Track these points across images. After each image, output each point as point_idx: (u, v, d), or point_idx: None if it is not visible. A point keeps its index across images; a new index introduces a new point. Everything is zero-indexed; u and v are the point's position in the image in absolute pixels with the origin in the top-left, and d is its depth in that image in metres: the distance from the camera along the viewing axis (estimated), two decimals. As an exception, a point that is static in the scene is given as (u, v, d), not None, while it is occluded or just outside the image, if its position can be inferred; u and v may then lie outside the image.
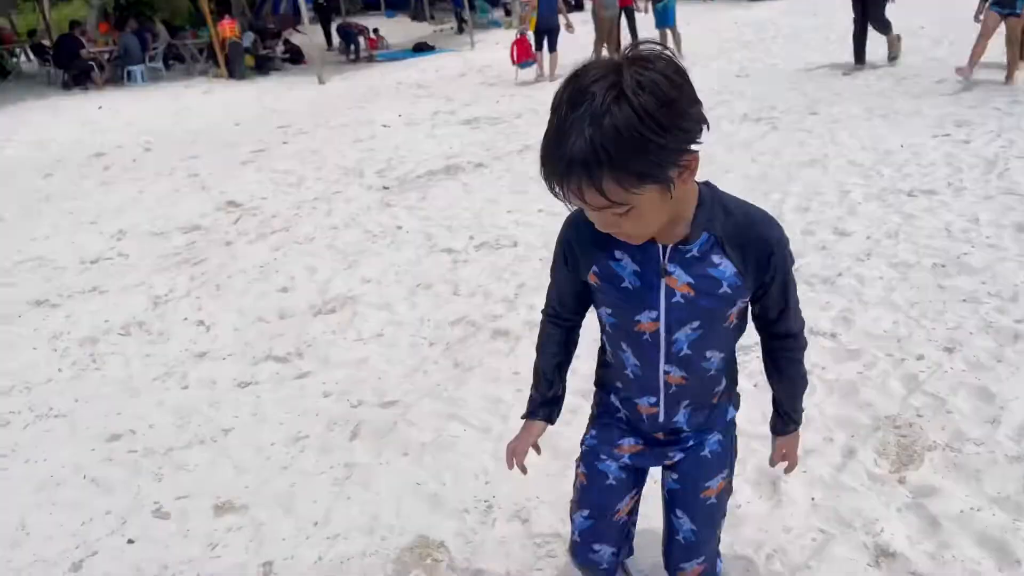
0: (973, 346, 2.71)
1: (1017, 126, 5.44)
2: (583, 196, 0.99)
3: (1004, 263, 3.33)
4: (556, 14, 10.67)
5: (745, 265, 1.17)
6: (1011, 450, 2.16)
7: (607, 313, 1.29)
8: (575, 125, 0.94)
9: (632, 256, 1.20)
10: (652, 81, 0.93)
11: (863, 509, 2.00)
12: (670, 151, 0.97)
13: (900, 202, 4.22)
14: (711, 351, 1.26)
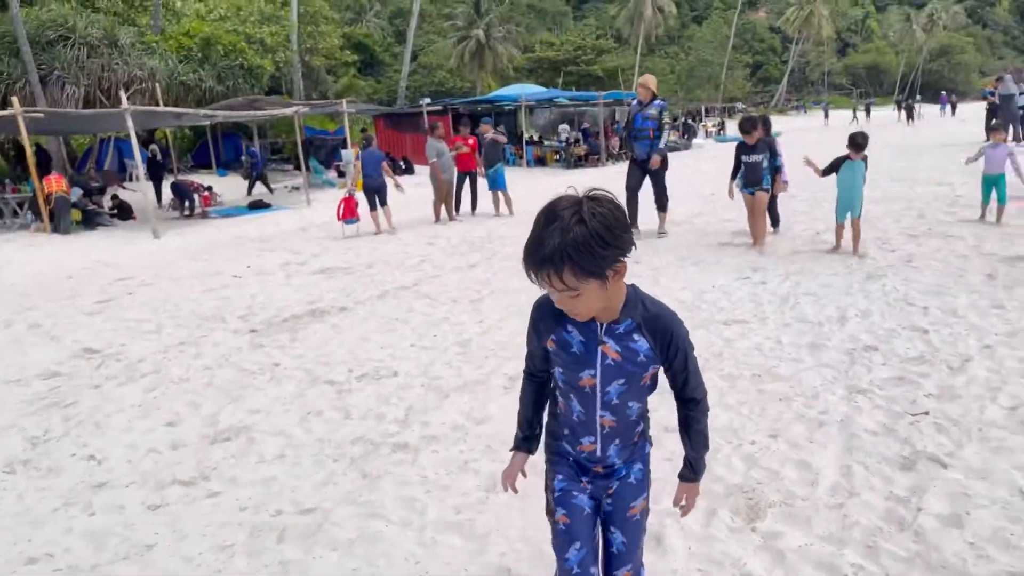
0: (790, 432, 3.39)
1: (800, 271, 6.64)
2: (551, 281, 1.49)
3: (805, 372, 4.14)
4: (382, 175, 11.46)
5: (656, 343, 1.66)
6: (829, 503, 2.77)
7: (560, 372, 1.75)
8: (550, 235, 1.46)
9: (579, 330, 1.67)
10: (602, 213, 1.47)
11: (728, 552, 2.50)
12: (608, 260, 1.49)
13: (719, 330, 5.06)
14: (632, 402, 1.73)
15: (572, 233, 1.45)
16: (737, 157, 7.93)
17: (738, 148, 7.93)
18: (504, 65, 48.63)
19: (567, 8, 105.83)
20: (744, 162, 7.80)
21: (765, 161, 7.69)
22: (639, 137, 8.85)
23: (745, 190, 7.82)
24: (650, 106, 8.74)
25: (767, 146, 7.73)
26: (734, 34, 75.72)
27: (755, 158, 7.71)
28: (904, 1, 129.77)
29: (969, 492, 2.76)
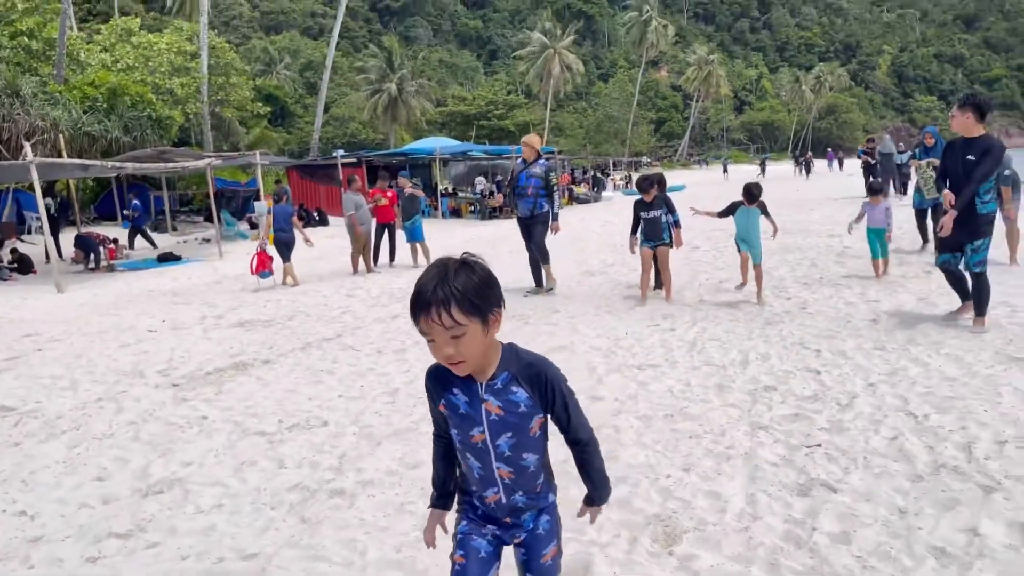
0: (702, 466, 3.70)
1: (705, 318, 7.11)
2: (440, 319, 1.63)
3: (712, 411, 4.49)
4: (292, 228, 11.56)
5: (533, 391, 1.78)
6: (736, 527, 3.07)
7: (455, 433, 1.88)
8: (439, 280, 1.65)
9: (463, 391, 1.80)
10: (481, 266, 1.71)
11: (650, 574, 2.75)
12: (491, 301, 1.69)
13: (634, 374, 5.39)
14: (526, 453, 1.84)
15: (460, 276, 1.66)
16: (636, 214, 8.18)
17: (636, 205, 8.18)
18: (417, 118, 49.32)
19: (478, 64, 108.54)
20: (643, 218, 8.06)
21: (664, 217, 7.99)
22: (522, 195, 8.94)
23: (646, 244, 8.09)
24: (535, 165, 8.88)
25: (664, 202, 8.03)
26: (638, 91, 79.13)
27: (654, 214, 7.99)
28: (794, 63, 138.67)
29: (856, 513, 3.11)
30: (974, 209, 5.78)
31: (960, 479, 3.35)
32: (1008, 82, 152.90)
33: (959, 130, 5.87)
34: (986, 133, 5.83)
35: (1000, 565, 2.67)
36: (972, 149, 5.72)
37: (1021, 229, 9.25)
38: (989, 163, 5.62)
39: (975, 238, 5.80)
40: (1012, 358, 5.11)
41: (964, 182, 5.68)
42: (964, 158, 5.73)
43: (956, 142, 5.97)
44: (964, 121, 5.80)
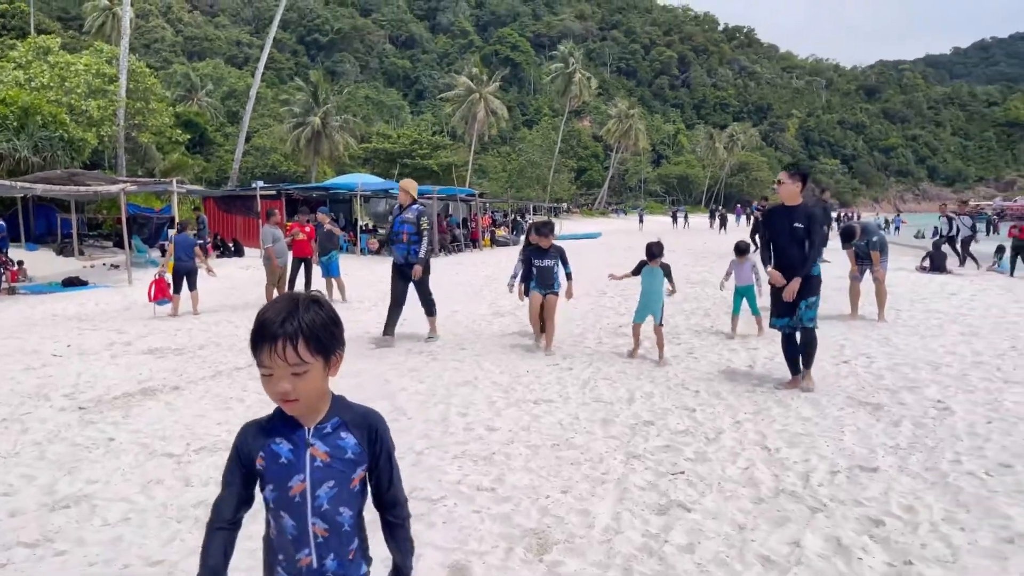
0: (578, 488, 4.13)
1: (602, 359, 7.63)
2: (284, 355, 1.63)
3: (595, 442, 4.95)
4: (194, 258, 11.67)
5: (362, 439, 1.78)
6: (600, 539, 3.50)
7: (270, 489, 1.77)
8: (288, 313, 1.66)
9: (287, 439, 1.76)
10: (329, 304, 1.76)
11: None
12: (337, 340, 1.73)
13: (529, 407, 5.81)
14: (344, 507, 1.77)
15: (310, 312, 1.68)
16: (527, 260, 8.19)
17: (530, 252, 8.17)
18: (340, 153, 49.37)
19: (405, 103, 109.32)
20: (537, 265, 8.07)
21: (557, 266, 8.05)
22: (395, 241, 8.75)
23: (538, 290, 8.10)
24: (408, 210, 8.69)
25: (558, 252, 8.07)
26: (561, 140, 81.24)
27: (547, 263, 8.03)
28: (709, 121, 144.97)
29: (703, 528, 3.59)
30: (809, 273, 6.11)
31: (794, 501, 3.88)
32: (903, 151, 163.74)
33: (787, 197, 6.17)
34: (803, 201, 6.24)
35: (812, 571, 3.17)
36: (796, 216, 6.05)
37: (888, 289, 10.20)
38: (820, 228, 6.13)
39: (809, 295, 6.07)
40: (861, 402, 5.77)
41: (796, 248, 6.03)
42: (791, 225, 6.04)
43: (777, 209, 6.30)
44: (793, 189, 6.12)
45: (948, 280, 14.88)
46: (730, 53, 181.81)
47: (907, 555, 3.26)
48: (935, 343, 8.08)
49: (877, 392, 6.07)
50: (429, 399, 6.13)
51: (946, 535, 3.44)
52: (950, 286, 13.58)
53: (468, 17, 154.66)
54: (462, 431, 5.23)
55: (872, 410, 5.55)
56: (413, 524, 3.58)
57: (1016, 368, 6.78)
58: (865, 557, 3.25)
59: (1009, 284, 14.64)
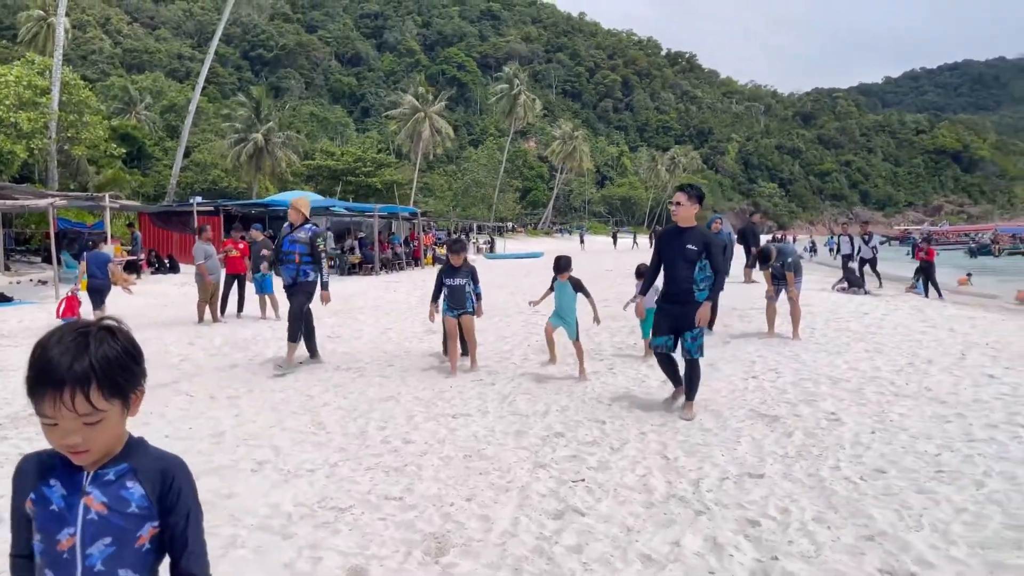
0: (483, 496, 4.32)
1: (524, 375, 7.86)
2: (73, 404, 1.35)
3: (505, 452, 5.15)
4: (107, 276, 11.53)
5: (152, 491, 1.50)
6: (496, 542, 3.69)
7: (38, 541, 1.49)
8: (77, 353, 1.37)
9: (62, 482, 1.49)
10: (125, 333, 1.47)
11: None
12: (135, 377, 1.46)
13: (447, 421, 6.00)
14: (125, 570, 1.48)
15: (104, 346, 1.40)
16: (439, 279, 8.02)
17: (441, 271, 8.08)
18: (283, 170, 48.95)
19: (350, 120, 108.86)
20: (447, 285, 7.91)
21: (468, 286, 7.93)
22: (284, 261, 8.37)
23: (450, 312, 7.95)
24: (300, 230, 8.36)
25: (469, 272, 7.99)
26: (506, 159, 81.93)
27: (458, 282, 7.88)
28: (652, 144, 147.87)
29: (593, 531, 3.82)
30: (692, 298, 5.96)
31: (682, 505, 4.15)
32: (838, 175, 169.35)
33: (684, 219, 6.06)
34: (697, 223, 6.17)
35: (686, 567, 3.42)
36: (691, 238, 5.94)
37: (807, 309, 10.71)
38: (719, 250, 6.02)
39: (694, 326, 5.94)
40: (761, 415, 6.11)
41: (687, 270, 5.93)
42: (685, 247, 5.93)
43: (670, 231, 6.18)
44: (691, 210, 6.04)
45: (865, 300, 15.57)
46: (672, 78, 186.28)
47: (774, 551, 3.54)
48: (840, 359, 8.53)
49: (778, 405, 6.43)
50: (350, 414, 6.26)
51: (812, 533, 3.74)
52: (866, 306, 14.23)
53: (415, 36, 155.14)
54: (379, 444, 5.38)
55: (769, 422, 5.89)
56: (319, 532, 3.76)
57: (908, 383, 7.24)
58: (736, 554, 3.52)
59: (922, 304, 15.39)
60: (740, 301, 14.37)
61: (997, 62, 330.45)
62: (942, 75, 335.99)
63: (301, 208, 8.56)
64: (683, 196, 6.09)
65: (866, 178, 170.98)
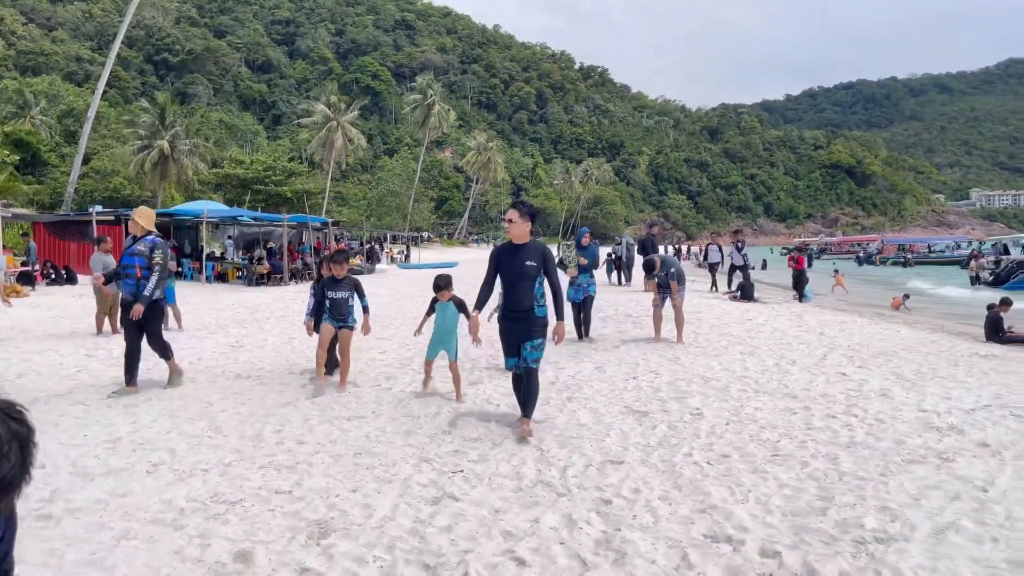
0: (367, 487, 4.69)
1: (421, 382, 8.23)
2: None
3: (393, 449, 5.53)
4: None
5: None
6: (374, 526, 4.07)
7: None
8: None
9: None
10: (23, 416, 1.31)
11: (296, 557, 3.66)
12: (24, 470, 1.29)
13: (342, 423, 6.32)
14: None
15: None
16: (321, 291, 7.81)
17: (322, 283, 7.86)
18: (189, 178, 47.80)
19: (260, 128, 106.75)
20: (330, 298, 7.66)
21: (352, 298, 7.74)
22: (123, 275, 7.78)
23: (330, 321, 7.70)
24: (140, 242, 7.82)
25: (353, 284, 7.78)
26: (422, 169, 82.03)
27: (341, 294, 7.66)
28: (565, 156, 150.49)
29: (464, 513, 4.25)
30: (534, 314, 5.92)
31: (547, 489, 4.63)
32: (743, 188, 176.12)
33: (518, 236, 5.94)
34: (533, 238, 6.07)
35: (540, 539, 3.88)
36: (528, 254, 5.86)
37: (696, 316, 11.47)
38: (555, 266, 6.03)
39: (535, 337, 5.89)
40: (633, 411, 6.69)
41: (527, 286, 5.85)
42: (524, 263, 5.82)
43: (506, 247, 6.04)
44: (524, 227, 5.92)
45: (752, 307, 16.62)
46: (585, 91, 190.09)
47: (619, 524, 4.05)
48: (715, 361, 9.25)
49: (650, 402, 7.03)
50: (247, 419, 6.51)
51: (655, 508, 4.28)
52: (751, 313, 15.23)
53: (328, 44, 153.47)
54: (273, 445, 5.67)
55: (640, 417, 6.46)
56: (209, 523, 4.05)
57: (770, 381, 7.98)
58: (586, 527, 4.01)
59: (803, 311, 16.55)
60: (636, 309, 15.13)
61: (888, 82, 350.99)
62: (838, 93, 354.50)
63: (141, 219, 7.91)
64: (515, 213, 5.96)
65: (769, 191, 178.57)
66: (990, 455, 5.23)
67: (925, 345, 11.03)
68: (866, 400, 7.04)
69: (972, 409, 6.67)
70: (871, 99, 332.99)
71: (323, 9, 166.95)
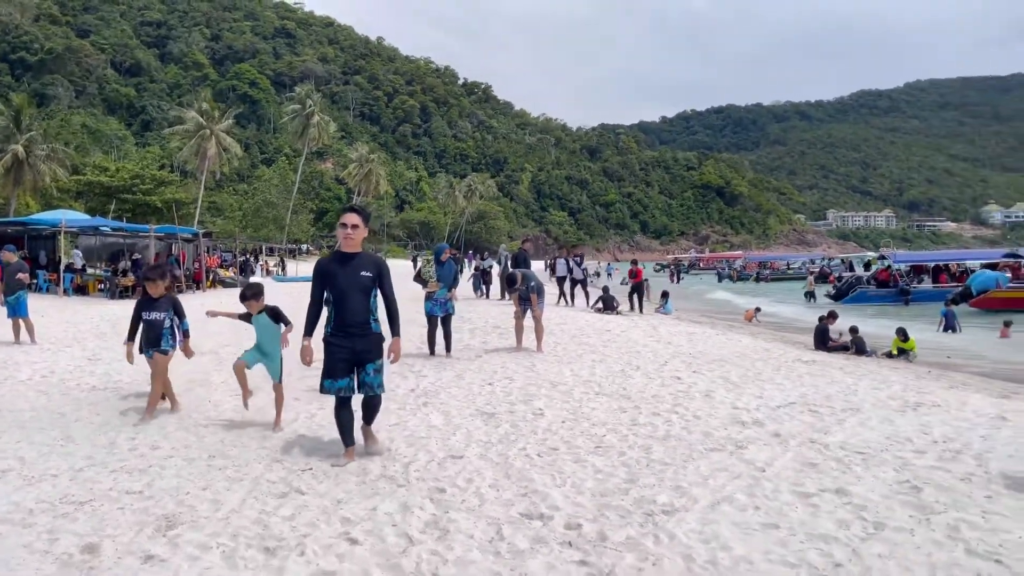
0: (217, 485, 4.97)
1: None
2: None
3: (248, 452, 5.80)
4: None
5: None
6: (220, 518, 4.38)
7: None
8: None
9: None
10: None
11: (144, 548, 3.94)
12: None
13: (198, 430, 6.51)
14: None
15: None
16: (137, 313, 7.05)
17: (138, 304, 7.15)
18: (47, 185, 45.23)
19: (128, 134, 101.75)
20: (144, 319, 7.00)
21: (168, 320, 7.06)
22: None
23: (144, 352, 7.04)
24: None
25: (171, 303, 7.17)
26: (301, 180, 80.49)
27: (156, 316, 6.99)
28: (449, 170, 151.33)
29: (308, 505, 4.61)
30: (370, 329, 5.47)
31: (389, 482, 5.06)
32: (621, 206, 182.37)
33: (356, 245, 5.47)
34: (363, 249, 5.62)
35: (375, 523, 4.31)
36: (362, 264, 5.45)
37: (558, 327, 12.17)
38: (390, 279, 5.57)
39: (375, 358, 5.50)
40: (483, 412, 7.21)
41: (362, 299, 5.41)
42: (359, 274, 5.38)
43: (337, 258, 5.51)
44: (363, 233, 5.50)
45: (613, 319, 17.62)
46: (469, 107, 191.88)
47: (448, 508, 4.54)
48: (567, 368, 9.94)
49: (500, 405, 7.57)
50: (101, 428, 6.60)
51: (483, 494, 4.79)
52: (611, 324, 16.17)
53: (202, 49, 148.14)
54: (127, 451, 5.83)
55: (487, 418, 6.99)
56: (58, 521, 4.25)
57: (612, 385, 8.71)
58: (418, 512, 4.48)
59: (660, 322, 17.69)
60: (505, 320, 15.77)
61: (755, 108, 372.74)
62: (710, 117, 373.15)
63: None
64: (359, 218, 5.46)
65: (645, 209, 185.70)
66: (778, 443, 6.07)
67: (759, 353, 12.18)
68: (690, 400, 7.86)
69: (778, 406, 7.60)
70: (739, 123, 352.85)
71: (197, 12, 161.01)
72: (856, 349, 14.43)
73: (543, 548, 3.96)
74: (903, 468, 5.37)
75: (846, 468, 5.38)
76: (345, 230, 5.42)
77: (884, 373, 10.67)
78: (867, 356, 14.11)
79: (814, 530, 4.16)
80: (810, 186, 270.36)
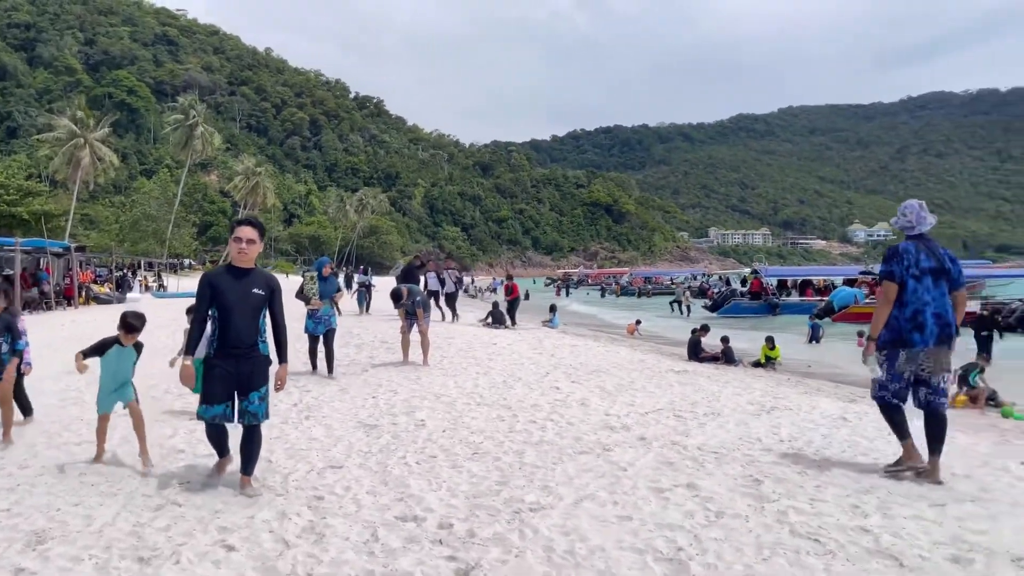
0: (90, 501, 4.94)
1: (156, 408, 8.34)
2: None
3: (122, 469, 5.76)
4: None
5: None
6: (95, 531, 4.39)
7: None
8: None
9: None
10: None
11: (14, 563, 3.93)
12: None
13: (71, 448, 6.39)
14: None
15: None
16: None
17: None
18: None
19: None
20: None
21: (3, 344, 6.66)
22: None
23: None
24: None
25: (7, 325, 6.67)
26: (184, 193, 77.42)
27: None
28: (341, 184, 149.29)
29: (185, 515, 4.67)
30: (258, 351, 5.16)
31: (268, 492, 5.16)
32: (513, 222, 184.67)
33: (246, 262, 5.15)
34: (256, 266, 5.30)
35: (251, 531, 4.43)
36: (255, 281, 5.13)
37: (446, 341, 12.41)
38: (281, 299, 5.29)
39: (260, 385, 5.17)
40: (365, 424, 7.37)
41: (252, 318, 5.09)
42: (251, 291, 5.05)
43: (225, 271, 5.17)
44: (257, 250, 5.18)
45: (502, 333, 18.03)
46: (361, 121, 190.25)
47: (325, 514, 4.71)
48: (451, 380, 10.21)
49: (383, 417, 7.76)
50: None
51: (360, 500, 4.99)
52: (499, 338, 16.56)
53: (75, 54, 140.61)
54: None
55: (369, 429, 7.16)
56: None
57: (493, 395, 9.05)
58: (295, 518, 4.63)
59: (545, 335, 18.23)
60: (391, 336, 15.88)
61: (641, 128, 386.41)
62: (598, 136, 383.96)
63: None
64: (255, 232, 5.13)
65: (536, 225, 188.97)
66: (643, 445, 6.55)
67: (635, 364, 12.84)
68: (567, 408, 8.29)
69: (647, 412, 8.13)
70: (626, 143, 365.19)
71: (70, 16, 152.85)
72: (726, 359, 15.38)
73: (415, 547, 4.21)
74: (749, 464, 5.93)
75: (700, 466, 5.89)
76: (240, 244, 5.07)
77: (748, 380, 11.51)
78: (735, 365, 15.07)
79: (663, 520, 4.59)
80: (693, 205, 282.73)
